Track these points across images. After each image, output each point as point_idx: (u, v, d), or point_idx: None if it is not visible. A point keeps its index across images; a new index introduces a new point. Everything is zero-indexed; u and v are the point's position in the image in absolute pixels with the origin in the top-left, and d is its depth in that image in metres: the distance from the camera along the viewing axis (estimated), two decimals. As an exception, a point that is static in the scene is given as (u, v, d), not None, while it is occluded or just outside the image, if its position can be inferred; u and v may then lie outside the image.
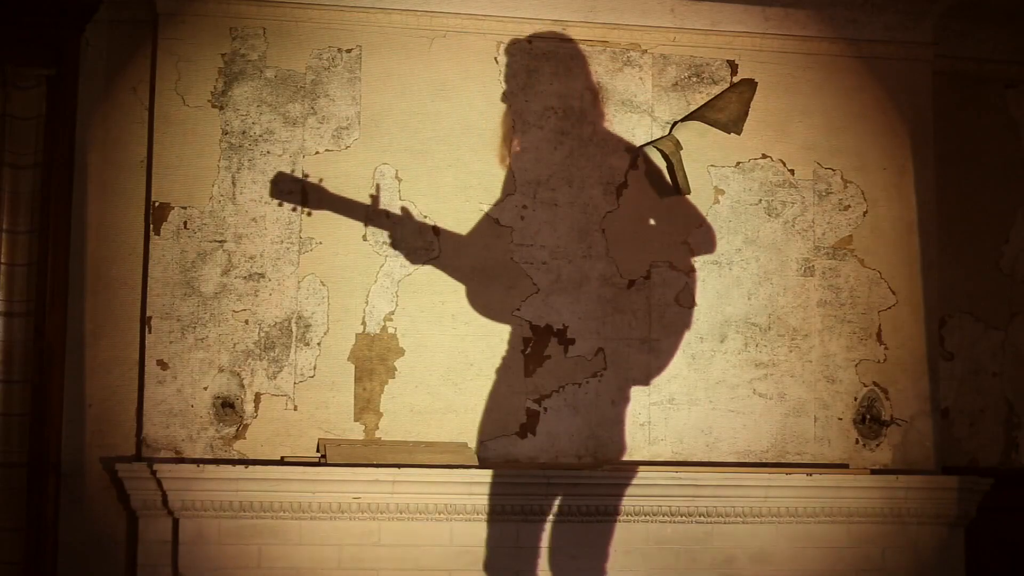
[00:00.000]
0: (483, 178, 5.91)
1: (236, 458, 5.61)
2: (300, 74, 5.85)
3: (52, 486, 5.56)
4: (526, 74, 5.98)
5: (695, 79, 6.12)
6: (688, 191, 5.98)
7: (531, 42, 5.99)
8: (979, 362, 6.43)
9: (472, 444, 5.77)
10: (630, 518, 5.73)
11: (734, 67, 6.15)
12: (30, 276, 5.67)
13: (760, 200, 6.12)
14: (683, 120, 6.04)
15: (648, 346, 5.94)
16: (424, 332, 5.81)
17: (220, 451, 5.63)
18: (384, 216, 5.80)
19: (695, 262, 5.99)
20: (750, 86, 6.05)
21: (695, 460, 5.92)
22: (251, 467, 5.51)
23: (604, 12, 6.04)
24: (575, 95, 6.02)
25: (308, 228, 5.77)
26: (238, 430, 5.66)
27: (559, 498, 5.66)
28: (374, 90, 5.88)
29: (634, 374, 5.90)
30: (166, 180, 5.73)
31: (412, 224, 5.80)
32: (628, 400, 5.87)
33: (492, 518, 5.61)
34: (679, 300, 6.00)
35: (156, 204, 5.72)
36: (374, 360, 5.78)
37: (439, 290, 5.83)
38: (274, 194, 5.73)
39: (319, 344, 5.75)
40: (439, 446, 5.72)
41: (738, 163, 6.12)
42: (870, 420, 6.07)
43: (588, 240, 5.96)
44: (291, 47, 5.85)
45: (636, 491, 5.71)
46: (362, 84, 5.88)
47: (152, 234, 5.70)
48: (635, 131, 6.04)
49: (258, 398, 5.69)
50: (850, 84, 6.21)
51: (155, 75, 5.77)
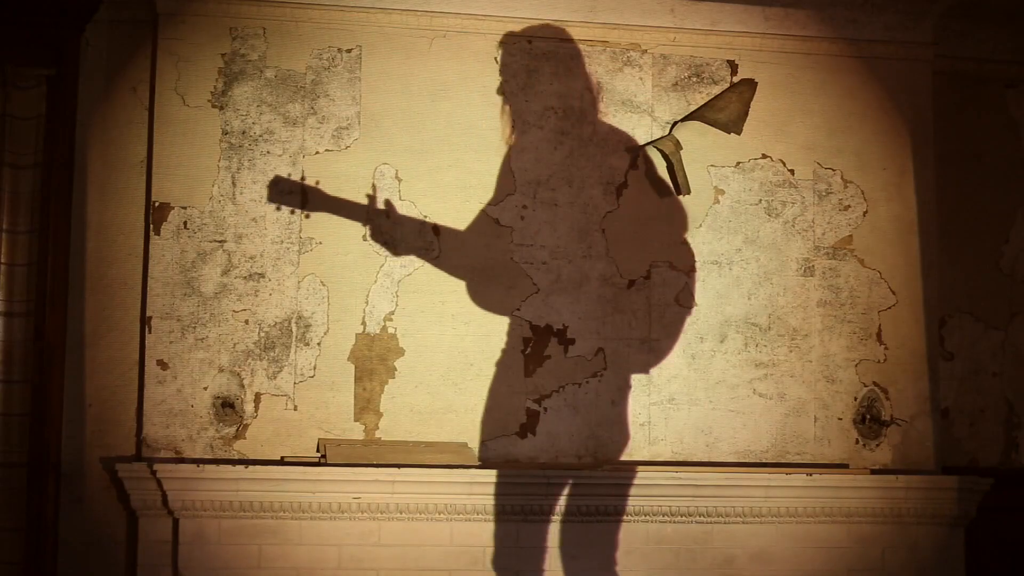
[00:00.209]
0: (483, 178, 5.90)
1: (236, 458, 5.61)
2: (300, 74, 5.85)
3: (52, 486, 5.56)
4: (526, 74, 5.98)
5: (695, 79, 6.12)
6: (688, 191, 5.98)
7: (531, 42, 5.99)
8: (979, 362, 6.43)
9: (472, 444, 5.77)
10: (630, 518, 5.72)
11: (734, 67, 6.15)
12: (30, 276, 5.67)
13: (760, 200, 6.12)
14: (683, 120, 6.04)
15: (648, 346, 5.94)
16: (424, 332, 5.81)
17: (220, 451, 5.63)
18: (384, 216, 5.80)
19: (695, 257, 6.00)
20: (750, 86, 6.05)
21: (695, 460, 5.92)
22: (251, 467, 5.51)
23: (604, 12, 6.04)
24: (575, 95, 6.02)
25: (308, 228, 5.77)
26: (238, 430, 5.66)
27: (559, 498, 5.66)
28: (374, 90, 5.88)
29: (634, 374, 5.90)
30: (166, 180, 5.73)
31: (412, 225, 5.81)
32: (628, 400, 5.88)
33: (495, 517, 5.61)
34: (679, 300, 6.00)
35: (156, 204, 5.72)
36: (374, 360, 5.78)
37: (439, 290, 5.82)
38: (272, 198, 5.73)
39: (319, 344, 5.75)
40: (439, 446, 5.72)
41: (738, 163, 6.12)
42: (870, 420, 6.06)
43: (588, 240, 5.95)
44: (291, 47, 5.85)
45: (636, 491, 5.71)
46: (362, 84, 5.88)
47: (152, 234, 5.70)
48: (635, 131, 6.04)
49: (258, 398, 5.69)
50: (850, 84, 6.21)
51: (155, 75, 5.77)
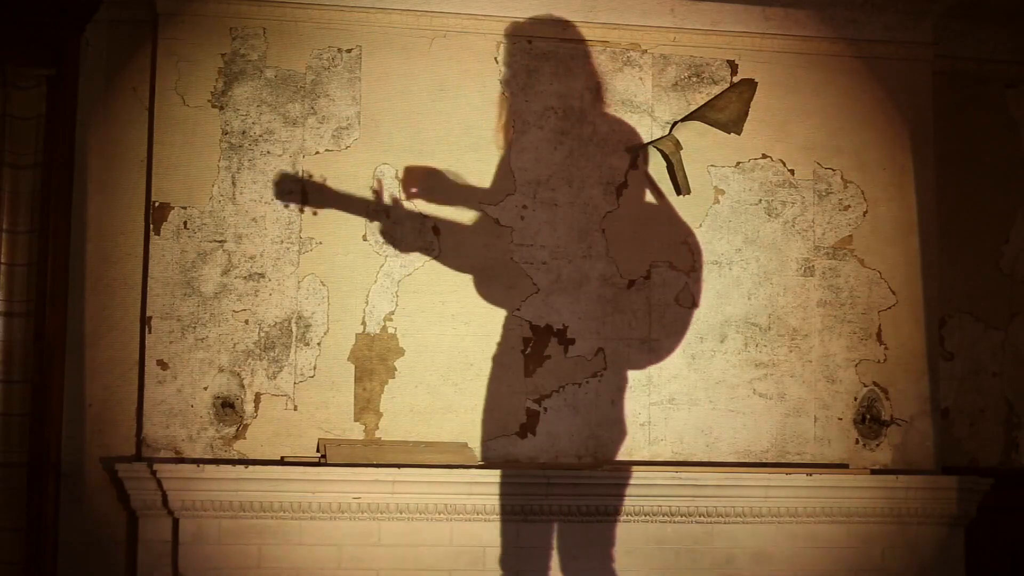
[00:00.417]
0: (483, 178, 5.90)
1: (236, 458, 5.61)
2: (300, 74, 5.85)
3: (52, 486, 5.56)
4: (526, 74, 5.98)
5: (695, 79, 6.12)
6: (688, 191, 5.98)
7: (531, 42, 5.99)
8: (979, 362, 6.43)
9: (472, 444, 5.76)
10: (630, 518, 5.72)
11: (734, 67, 6.15)
12: (30, 276, 5.66)
13: (760, 200, 6.11)
14: (683, 120, 6.03)
15: (648, 346, 5.94)
16: (424, 332, 5.81)
17: (220, 451, 5.63)
18: (384, 215, 5.80)
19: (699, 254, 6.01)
20: (750, 86, 6.04)
21: (695, 460, 5.92)
22: (251, 467, 5.51)
23: (604, 12, 6.03)
24: (575, 95, 6.01)
25: (308, 228, 5.77)
26: (238, 430, 5.66)
27: (559, 498, 5.66)
28: (374, 90, 5.88)
29: (636, 371, 5.91)
30: (166, 180, 5.73)
31: (412, 221, 5.81)
32: (625, 398, 5.88)
33: (492, 518, 5.61)
34: (679, 300, 6.00)
35: (156, 204, 5.72)
36: (374, 360, 5.78)
37: (439, 290, 5.82)
38: (277, 194, 5.73)
39: (319, 344, 5.75)
40: (439, 446, 5.71)
41: (738, 163, 6.12)
42: (870, 420, 6.06)
43: (588, 240, 5.95)
44: (291, 47, 5.84)
45: (636, 491, 5.71)
46: (362, 84, 5.88)
47: (152, 234, 5.70)
48: (635, 131, 6.04)
49: (258, 398, 5.69)
50: (850, 84, 6.21)
51: (155, 75, 5.77)
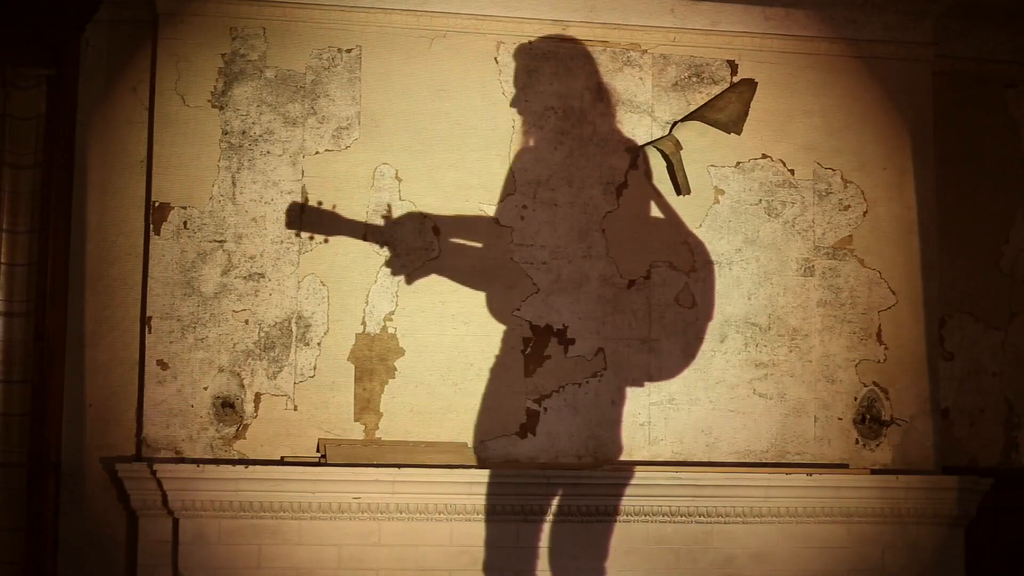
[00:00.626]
0: (483, 178, 5.90)
1: (236, 458, 5.61)
2: (300, 74, 5.85)
3: (52, 486, 5.56)
4: (526, 74, 5.98)
5: (695, 79, 6.12)
6: (688, 191, 5.98)
7: (531, 42, 5.99)
8: (979, 362, 6.43)
9: (472, 444, 5.77)
10: (630, 518, 5.72)
11: (734, 67, 6.15)
12: (30, 276, 5.66)
13: (760, 200, 6.11)
14: (683, 120, 6.03)
15: (648, 346, 5.94)
16: (424, 332, 5.81)
17: (220, 451, 5.63)
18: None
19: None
20: (750, 86, 6.04)
21: (695, 460, 5.92)
22: (251, 467, 5.51)
23: (604, 12, 6.03)
24: (575, 95, 6.01)
25: (308, 228, 5.76)
26: (238, 430, 5.66)
27: (559, 498, 5.66)
28: (374, 90, 5.88)
29: (634, 374, 5.91)
30: (166, 180, 5.73)
31: (412, 221, 5.82)
32: (625, 400, 5.88)
33: (491, 518, 5.60)
34: (679, 300, 6.00)
35: (156, 204, 5.72)
36: (374, 360, 5.78)
37: (439, 290, 5.82)
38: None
39: (319, 344, 5.75)
40: (439, 446, 5.71)
41: (738, 163, 6.12)
42: (870, 420, 6.06)
43: (588, 240, 5.95)
44: (291, 47, 5.84)
45: (636, 491, 5.71)
46: (362, 84, 5.88)
47: (152, 234, 5.70)
48: (635, 131, 6.04)
49: (258, 398, 5.69)
50: (850, 84, 6.21)
51: (155, 75, 5.77)
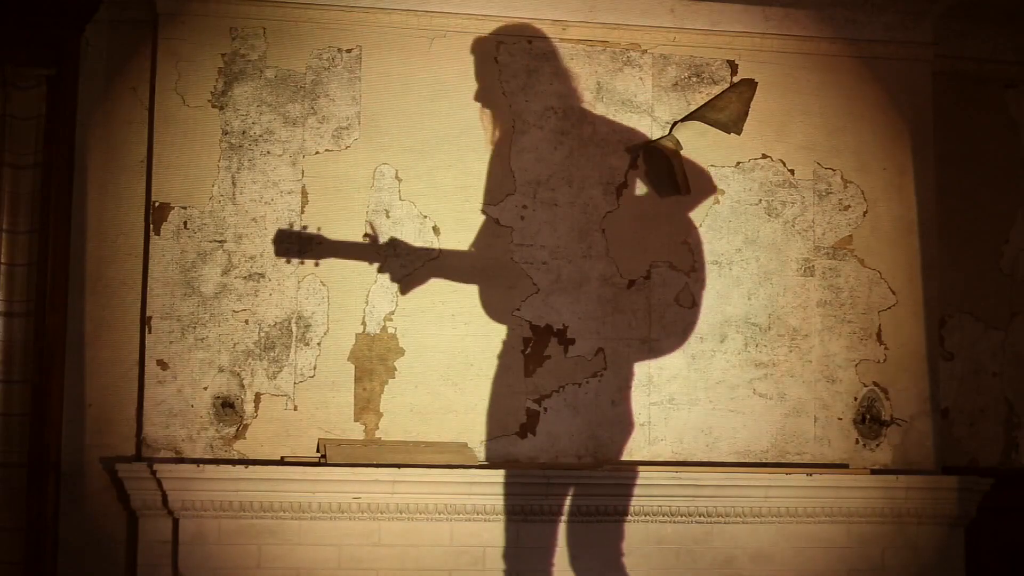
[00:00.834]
0: (483, 178, 5.90)
1: (236, 458, 5.61)
2: (300, 74, 5.85)
3: (52, 486, 5.56)
4: (526, 74, 5.98)
5: (695, 79, 6.12)
6: (688, 191, 5.98)
7: (531, 42, 5.99)
8: (979, 362, 6.42)
9: (472, 444, 5.76)
10: (630, 518, 5.72)
11: (734, 67, 6.15)
12: (30, 276, 5.66)
13: (760, 200, 6.11)
14: (683, 120, 6.03)
15: (648, 346, 5.94)
16: (424, 332, 5.81)
17: (220, 451, 5.63)
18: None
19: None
20: (750, 86, 6.05)
21: (695, 460, 5.92)
22: (251, 467, 5.51)
23: (604, 12, 6.03)
24: (575, 95, 6.01)
25: (309, 228, 5.77)
26: (238, 430, 5.66)
27: (559, 498, 5.66)
28: (374, 90, 5.88)
29: (636, 373, 5.91)
30: (166, 180, 5.73)
31: (412, 222, 5.82)
32: (631, 389, 5.88)
33: (491, 518, 5.60)
34: (679, 300, 6.00)
35: (156, 204, 5.72)
36: (374, 360, 5.78)
37: (439, 290, 5.82)
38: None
39: (319, 344, 5.75)
40: (439, 446, 5.71)
41: (738, 163, 6.12)
42: (870, 420, 6.06)
43: (588, 240, 5.95)
44: (291, 47, 5.84)
45: (636, 491, 5.70)
46: (362, 84, 5.88)
47: (152, 234, 5.70)
48: (635, 131, 6.04)
49: (258, 398, 5.69)
50: (850, 84, 6.21)
51: (155, 75, 5.77)
